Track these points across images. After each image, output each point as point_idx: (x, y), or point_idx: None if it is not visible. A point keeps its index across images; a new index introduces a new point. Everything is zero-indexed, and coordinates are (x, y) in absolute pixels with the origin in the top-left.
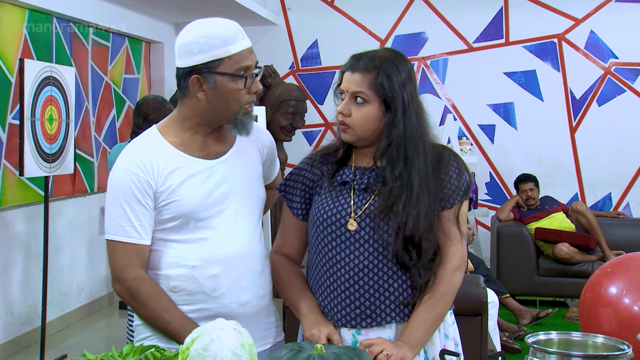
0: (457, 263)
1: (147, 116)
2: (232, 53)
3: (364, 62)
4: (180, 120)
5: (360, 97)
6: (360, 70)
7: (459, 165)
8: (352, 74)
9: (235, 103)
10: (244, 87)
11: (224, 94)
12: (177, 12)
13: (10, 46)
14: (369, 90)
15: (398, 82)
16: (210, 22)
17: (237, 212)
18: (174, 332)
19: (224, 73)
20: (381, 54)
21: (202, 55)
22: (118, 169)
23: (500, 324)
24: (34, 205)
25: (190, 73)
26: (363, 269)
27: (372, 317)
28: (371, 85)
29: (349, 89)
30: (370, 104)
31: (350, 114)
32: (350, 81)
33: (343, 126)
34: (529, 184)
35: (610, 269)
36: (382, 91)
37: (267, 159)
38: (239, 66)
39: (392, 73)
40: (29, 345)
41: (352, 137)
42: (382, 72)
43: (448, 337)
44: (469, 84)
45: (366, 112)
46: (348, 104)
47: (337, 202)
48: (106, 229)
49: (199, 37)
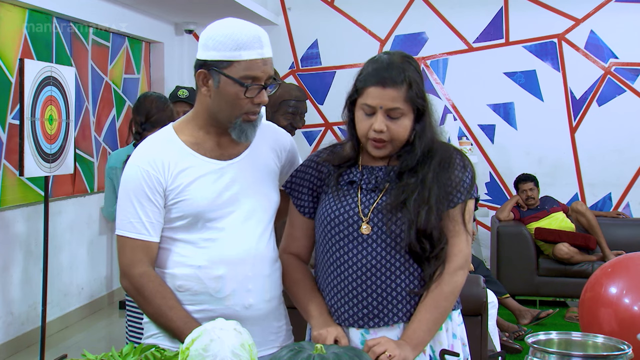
0: (461, 262)
1: (150, 116)
2: (242, 59)
3: (391, 74)
4: (193, 117)
5: (397, 113)
6: (390, 85)
7: (465, 164)
8: (384, 90)
9: (235, 108)
10: (244, 96)
11: (224, 96)
12: (177, 12)
13: (10, 46)
14: (404, 104)
15: (422, 86)
16: (236, 23)
17: (246, 214)
18: (177, 330)
19: (228, 76)
20: (401, 62)
21: (215, 53)
22: (130, 165)
23: (500, 323)
24: (34, 205)
25: (201, 66)
26: (371, 269)
27: (380, 317)
28: (406, 99)
29: (383, 106)
30: (406, 117)
31: (386, 130)
32: (383, 97)
33: (378, 143)
34: (528, 183)
35: (610, 269)
36: (415, 102)
37: (286, 162)
38: (245, 74)
39: (418, 80)
40: (29, 345)
41: (387, 152)
42: (413, 83)
43: (456, 337)
44: (469, 84)
45: (404, 126)
46: (383, 120)
47: (344, 201)
48: (116, 224)
49: (218, 35)
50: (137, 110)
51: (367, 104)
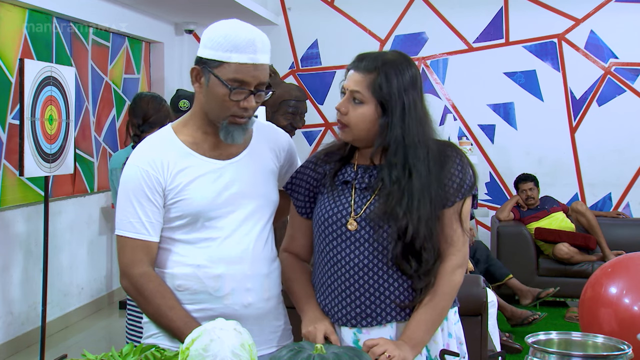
0: (458, 261)
1: (147, 117)
2: (233, 61)
3: (367, 62)
4: (191, 117)
5: (357, 97)
6: (361, 70)
7: (462, 161)
8: (355, 73)
9: (222, 109)
10: (229, 98)
11: (211, 95)
12: (177, 12)
13: (10, 46)
14: (366, 90)
15: (398, 86)
16: (236, 25)
17: (245, 214)
18: (177, 330)
19: (217, 76)
20: (386, 56)
21: (210, 51)
22: (130, 165)
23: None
24: (34, 205)
25: (197, 63)
26: (363, 268)
27: (372, 316)
28: (369, 86)
29: (348, 87)
30: (366, 105)
31: (347, 113)
32: (351, 80)
33: (340, 125)
34: (528, 183)
35: (610, 269)
36: (378, 93)
37: (285, 162)
38: (233, 76)
39: (392, 76)
40: (29, 345)
41: (348, 137)
42: (382, 74)
43: (452, 336)
44: (469, 84)
45: (362, 113)
46: (346, 102)
47: (338, 201)
48: (116, 224)
49: (217, 34)
50: (134, 112)
51: (342, 86)
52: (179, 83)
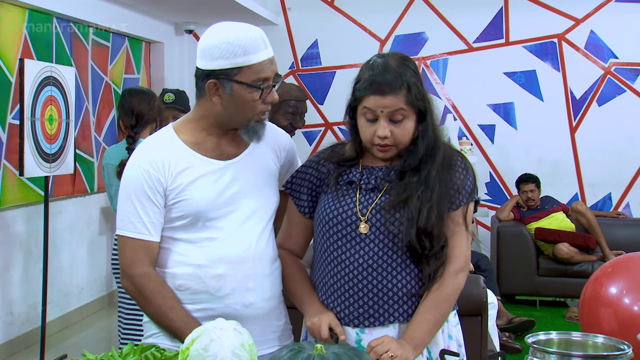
0: (461, 264)
1: (141, 117)
2: (252, 63)
3: (389, 82)
4: (195, 119)
5: (398, 117)
6: (389, 93)
7: (466, 167)
8: (384, 98)
9: (249, 111)
10: (259, 98)
11: (239, 102)
12: (177, 12)
13: (10, 46)
14: (407, 106)
15: (422, 87)
16: (235, 27)
17: (246, 213)
18: (177, 330)
19: (241, 82)
20: (397, 68)
21: (222, 61)
22: (131, 165)
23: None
24: (34, 205)
25: (208, 76)
26: (368, 268)
27: (375, 316)
28: (407, 102)
29: (384, 110)
30: (409, 119)
31: (390, 134)
32: (384, 104)
33: (383, 147)
34: (530, 185)
35: (610, 269)
36: (416, 103)
37: (285, 162)
38: (257, 77)
39: (416, 82)
40: (29, 345)
41: (393, 153)
42: (411, 86)
43: (452, 338)
44: (469, 84)
45: (407, 128)
46: (384, 126)
47: (342, 201)
48: (117, 224)
49: (222, 42)
50: (124, 110)
51: (368, 110)
52: (179, 83)
